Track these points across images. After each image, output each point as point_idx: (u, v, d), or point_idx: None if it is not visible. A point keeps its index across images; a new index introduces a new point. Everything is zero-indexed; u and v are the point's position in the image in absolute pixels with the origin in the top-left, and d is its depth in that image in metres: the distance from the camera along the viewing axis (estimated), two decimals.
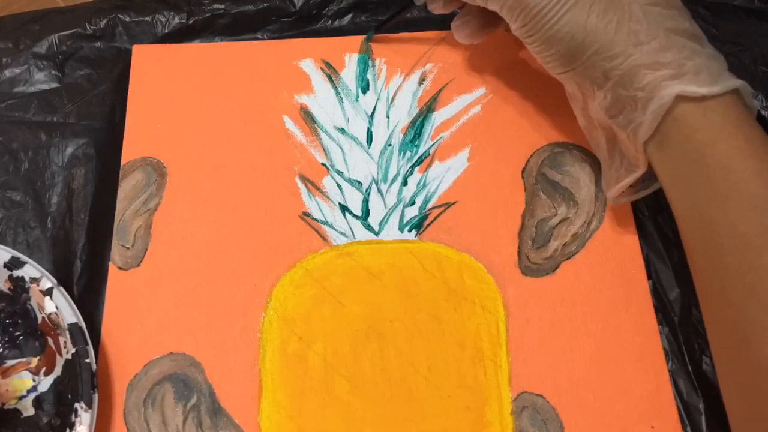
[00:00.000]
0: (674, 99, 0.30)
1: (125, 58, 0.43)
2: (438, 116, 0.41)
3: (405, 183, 0.39)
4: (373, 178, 0.39)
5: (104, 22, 0.44)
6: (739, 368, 0.29)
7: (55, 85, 0.42)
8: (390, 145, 0.40)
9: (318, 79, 0.42)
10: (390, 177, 0.39)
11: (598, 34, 0.31)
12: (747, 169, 0.29)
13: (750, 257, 0.28)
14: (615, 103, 0.32)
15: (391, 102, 0.41)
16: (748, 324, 0.28)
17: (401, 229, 0.38)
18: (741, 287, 0.28)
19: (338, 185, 0.39)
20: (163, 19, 0.44)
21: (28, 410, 0.34)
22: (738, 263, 0.28)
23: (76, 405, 0.32)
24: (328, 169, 0.40)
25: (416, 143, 0.40)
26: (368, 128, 0.40)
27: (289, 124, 0.41)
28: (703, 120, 0.30)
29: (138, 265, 0.38)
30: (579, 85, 0.34)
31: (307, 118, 0.41)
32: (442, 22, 0.44)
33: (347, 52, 0.42)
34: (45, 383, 0.35)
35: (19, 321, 0.36)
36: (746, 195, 0.28)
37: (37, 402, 0.34)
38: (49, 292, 0.34)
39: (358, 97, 0.41)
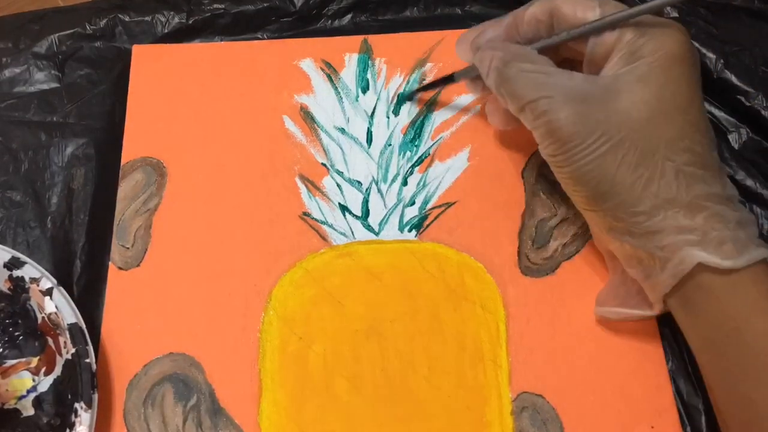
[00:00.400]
0: (696, 266, 0.29)
1: (125, 58, 0.43)
2: (438, 116, 0.41)
3: (405, 183, 0.39)
4: (373, 178, 0.39)
5: (104, 22, 0.44)
6: None
7: (55, 85, 0.42)
8: (390, 145, 0.40)
9: (318, 79, 0.42)
10: (390, 177, 0.39)
11: (625, 188, 0.29)
12: None
13: None
14: (633, 255, 0.31)
15: (391, 102, 0.41)
16: None
17: (401, 229, 0.38)
18: None
19: (338, 185, 0.39)
20: (163, 19, 0.44)
21: (28, 410, 0.34)
22: None
23: (76, 405, 0.32)
24: (328, 169, 0.40)
25: (416, 143, 0.40)
26: (368, 128, 0.40)
27: (289, 124, 0.41)
28: (733, 293, 0.29)
29: (138, 265, 0.38)
30: (598, 226, 0.33)
31: (307, 118, 0.41)
32: (442, 23, 0.44)
33: (347, 52, 0.42)
34: (45, 383, 0.35)
35: (19, 321, 0.36)
36: None
37: (37, 402, 0.34)
38: (49, 292, 0.34)
39: (358, 97, 0.41)
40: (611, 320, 0.35)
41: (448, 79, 0.39)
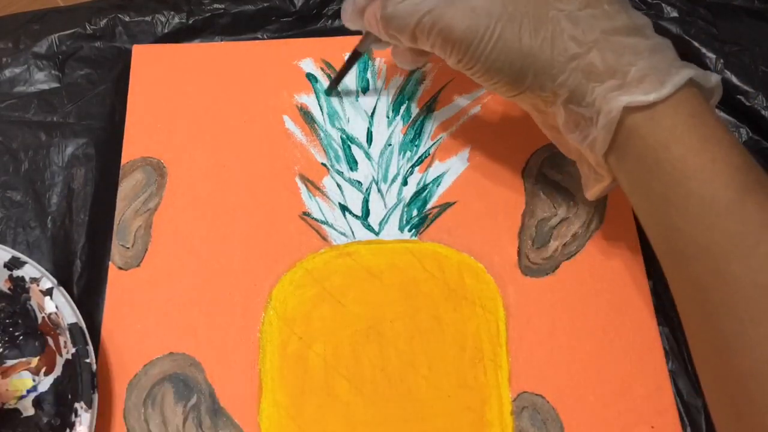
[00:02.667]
0: (623, 110, 0.29)
1: (125, 58, 0.43)
2: (438, 116, 0.41)
3: (405, 183, 0.39)
4: (373, 178, 0.39)
5: (104, 22, 0.44)
6: (722, 381, 0.28)
7: (55, 85, 0.42)
8: (390, 145, 0.40)
9: (318, 78, 0.42)
10: (390, 177, 0.39)
11: (535, 55, 0.30)
12: (704, 170, 0.27)
13: (717, 265, 0.27)
14: (568, 119, 0.31)
15: (392, 102, 0.41)
16: (726, 335, 0.27)
17: (401, 229, 0.38)
18: (713, 298, 0.27)
19: (338, 185, 0.39)
20: (163, 19, 0.44)
21: (28, 410, 0.34)
22: (706, 273, 0.27)
23: (76, 405, 0.32)
24: (328, 169, 0.40)
25: (416, 143, 0.40)
26: (368, 128, 0.40)
27: (289, 124, 0.41)
28: (653, 125, 0.28)
29: (138, 265, 0.38)
30: (532, 105, 0.33)
31: (307, 118, 0.41)
32: None
33: (347, 52, 0.42)
34: (45, 383, 0.35)
35: (19, 321, 0.36)
36: (705, 199, 0.27)
37: (37, 402, 0.34)
38: (49, 292, 0.34)
39: (358, 97, 0.41)
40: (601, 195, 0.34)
41: (355, 56, 0.39)
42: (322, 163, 0.40)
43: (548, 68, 0.30)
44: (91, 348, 0.33)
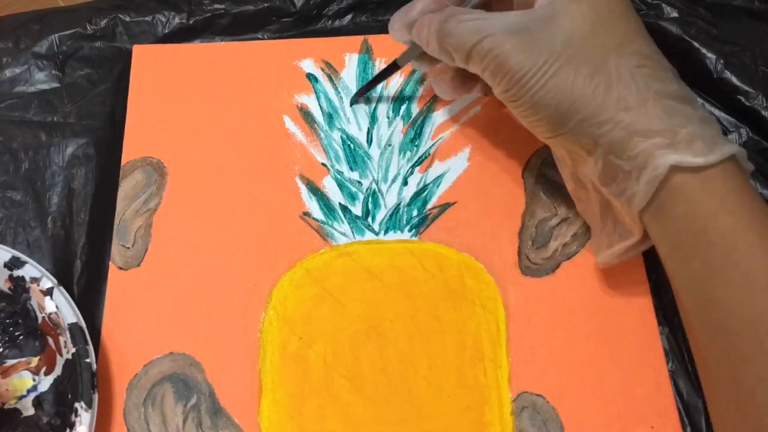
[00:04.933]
0: (669, 169, 0.28)
1: (125, 58, 0.43)
2: (438, 116, 0.41)
3: (405, 183, 0.39)
4: (373, 178, 0.39)
5: (104, 22, 0.44)
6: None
7: (55, 85, 0.42)
8: (390, 145, 0.40)
9: (318, 78, 0.42)
10: (390, 177, 0.39)
11: (586, 100, 0.30)
12: (752, 245, 0.27)
13: (759, 341, 0.27)
14: (607, 170, 0.31)
15: (391, 102, 0.41)
16: (761, 410, 0.26)
17: (401, 229, 0.38)
18: (750, 372, 0.27)
19: (338, 185, 0.39)
20: (163, 19, 0.44)
21: (28, 410, 0.34)
22: (746, 347, 0.27)
23: (76, 405, 0.32)
24: (328, 169, 0.40)
25: (416, 143, 0.40)
26: (368, 128, 0.40)
27: (289, 124, 0.41)
28: (703, 190, 0.28)
29: (138, 265, 0.38)
30: (568, 151, 0.32)
31: (308, 118, 0.41)
32: None
33: (347, 52, 0.42)
34: (45, 383, 0.35)
35: (19, 321, 0.36)
36: (751, 274, 0.27)
37: (37, 402, 0.34)
38: (49, 292, 0.34)
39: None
40: (612, 265, 0.35)
41: (392, 68, 0.39)
42: (322, 163, 0.40)
43: (595, 115, 0.30)
44: (91, 348, 0.33)
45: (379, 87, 0.41)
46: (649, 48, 0.31)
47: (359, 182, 0.39)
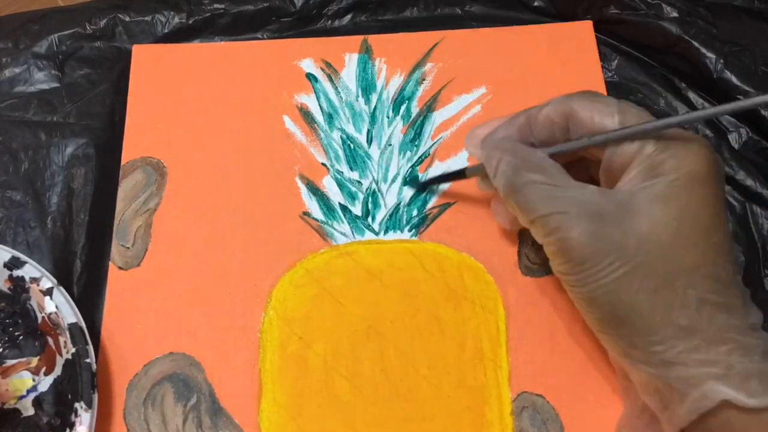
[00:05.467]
0: (719, 403, 0.26)
1: (125, 57, 0.43)
2: (438, 116, 0.41)
3: (405, 183, 0.39)
4: (373, 178, 0.39)
5: (104, 21, 0.44)
6: None
7: (55, 84, 0.42)
8: (390, 145, 0.40)
9: (318, 78, 0.42)
10: (390, 177, 0.39)
11: (642, 316, 0.27)
12: None
13: None
14: (650, 382, 0.28)
15: (391, 102, 0.41)
16: None
17: (401, 229, 0.38)
18: None
19: (338, 185, 0.39)
20: (163, 19, 0.44)
21: (28, 410, 0.34)
22: None
23: (76, 405, 0.32)
24: (328, 169, 0.40)
25: (416, 143, 0.40)
26: (368, 128, 0.40)
27: (289, 124, 0.41)
28: (754, 429, 0.26)
29: (138, 265, 0.38)
30: (613, 350, 0.30)
31: (307, 118, 0.41)
32: (442, 23, 0.44)
33: (347, 52, 0.42)
34: (45, 383, 0.35)
35: (19, 321, 0.36)
36: None
37: (37, 402, 0.34)
38: (49, 292, 0.34)
39: (358, 96, 0.41)
40: None
41: (459, 174, 0.36)
42: (322, 163, 0.40)
43: (650, 333, 0.27)
44: (91, 348, 0.33)
45: (379, 87, 0.41)
46: (726, 271, 0.28)
47: (359, 182, 0.39)
